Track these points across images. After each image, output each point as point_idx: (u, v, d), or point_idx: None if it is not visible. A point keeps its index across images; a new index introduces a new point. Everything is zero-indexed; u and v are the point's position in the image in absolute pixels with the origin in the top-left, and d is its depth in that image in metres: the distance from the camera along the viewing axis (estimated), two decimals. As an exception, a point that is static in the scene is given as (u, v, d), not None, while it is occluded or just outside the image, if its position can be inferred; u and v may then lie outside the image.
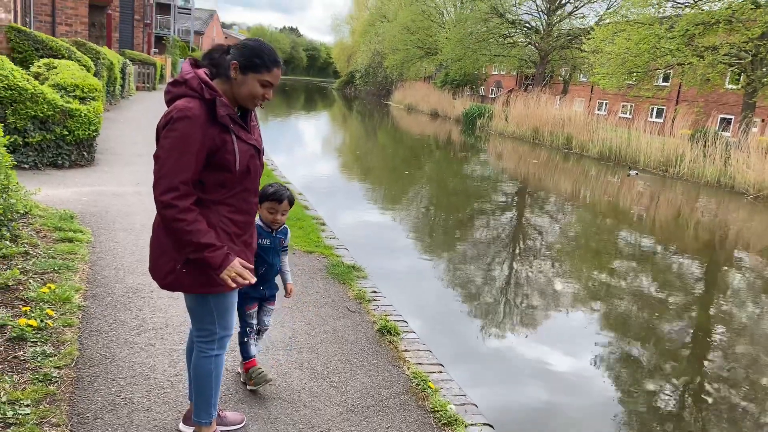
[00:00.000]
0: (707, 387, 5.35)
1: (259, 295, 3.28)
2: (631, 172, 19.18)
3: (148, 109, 17.97)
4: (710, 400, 5.12)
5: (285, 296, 3.44)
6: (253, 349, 3.33)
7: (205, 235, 2.35)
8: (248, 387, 3.33)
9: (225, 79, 2.46)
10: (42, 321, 3.66)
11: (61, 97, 8.56)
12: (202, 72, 2.45)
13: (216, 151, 2.38)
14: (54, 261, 4.66)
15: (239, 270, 2.41)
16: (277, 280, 3.42)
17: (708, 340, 6.48)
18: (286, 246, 3.36)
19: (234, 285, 2.41)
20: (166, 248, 2.47)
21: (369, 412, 3.29)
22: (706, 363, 5.88)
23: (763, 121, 25.03)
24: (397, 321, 4.60)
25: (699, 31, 19.90)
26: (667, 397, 5.06)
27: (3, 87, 7.79)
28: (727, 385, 5.35)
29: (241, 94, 2.46)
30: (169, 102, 2.46)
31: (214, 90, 2.39)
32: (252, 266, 2.64)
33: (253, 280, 2.48)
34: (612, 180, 17.94)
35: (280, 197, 3.12)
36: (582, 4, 36.14)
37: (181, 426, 2.89)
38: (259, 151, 2.56)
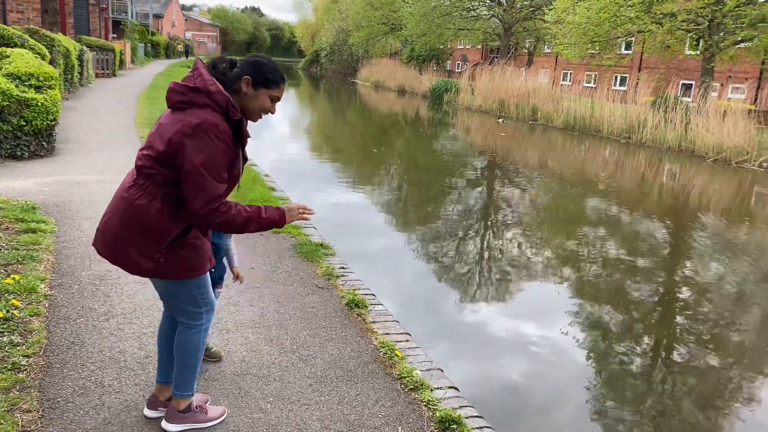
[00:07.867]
0: (678, 348, 5.59)
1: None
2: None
3: (108, 96, 17.61)
4: (682, 360, 5.35)
5: (234, 280, 3.39)
6: None
7: (254, 212, 2.47)
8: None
9: (232, 92, 2.49)
10: (8, 311, 3.66)
11: (16, 86, 8.37)
12: (221, 87, 2.44)
13: (230, 165, 2.46)
14: (17, 252, 4.64)
15: (297, 210, 2.60)
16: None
17: (677, 301, 6.74)
18: None
19: (307, 218, 2.62)
20: (137, 239, 2.44)
21: (338, 382, 3.39)
22: (676, 324, 6.12)
23: (722, 85, 25.54)
24: (366, 295, 4.68)
25: (657, -1, 20.14)
26: (639, 362, 5.27)
27: (-46, 78, 7.59)
28: (699, 347, 5.60)
29: (250, 107, 2.53)
30: (178, 104, 2.42)
31: (238, 111, 2.45)
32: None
33: (313, 210, 2.66)
34: (577, 150, 18.23)
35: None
36: (544, -25, 36.17)
37: (147, 411, 2.88)
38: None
